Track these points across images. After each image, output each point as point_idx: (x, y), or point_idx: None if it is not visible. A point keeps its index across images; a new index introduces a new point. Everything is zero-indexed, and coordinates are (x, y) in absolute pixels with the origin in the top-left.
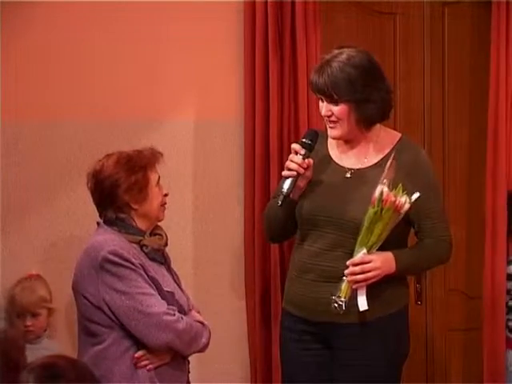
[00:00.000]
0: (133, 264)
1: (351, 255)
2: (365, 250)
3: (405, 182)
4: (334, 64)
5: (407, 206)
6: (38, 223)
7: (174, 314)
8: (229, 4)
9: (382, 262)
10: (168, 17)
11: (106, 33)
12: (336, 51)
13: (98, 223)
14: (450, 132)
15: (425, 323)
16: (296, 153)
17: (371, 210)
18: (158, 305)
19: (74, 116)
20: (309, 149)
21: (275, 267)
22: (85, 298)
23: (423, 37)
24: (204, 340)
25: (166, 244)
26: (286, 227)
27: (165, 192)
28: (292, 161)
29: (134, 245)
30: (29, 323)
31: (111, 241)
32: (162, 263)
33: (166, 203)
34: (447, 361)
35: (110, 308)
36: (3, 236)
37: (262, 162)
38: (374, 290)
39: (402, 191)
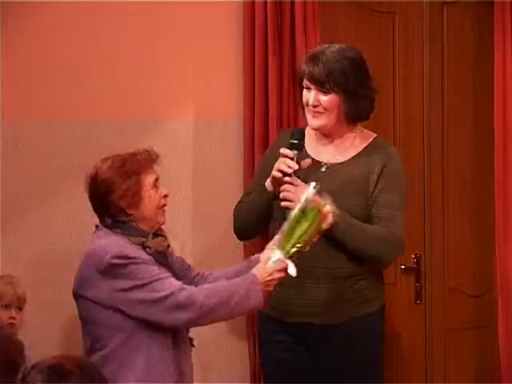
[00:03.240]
0: (139, 257)
1: (329, 254)
2: (280, 255)
3: (375, 175)
4: (328, 53)
5: (330, 219)
6: (38, 223)
7: (185, 288)
8: (228, 4)
9: None
10: (168, 16)
11: (105, 33)
12: (326, 44)
13: (96, 226)
14: (449, 132)
15: (424, 322)
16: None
17: (297, 208)
18: (171, 286)
19: (74, 116)
20: (298, 148)
21: None
22: (89, 300)
23: (422, 36)
24: (239, 295)
25: (169, 246)
26: (261, 221)
27: (164, 193)
28: (288, 165)
29: (137, 246)
30: (14, 315)
31: (114, 243)
32: (164, 265)
33: (165, 205)
34: (446, 360)
35: (125, 311)
36: (3, 236)
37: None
38: (353, 290)
39: (327, 205)
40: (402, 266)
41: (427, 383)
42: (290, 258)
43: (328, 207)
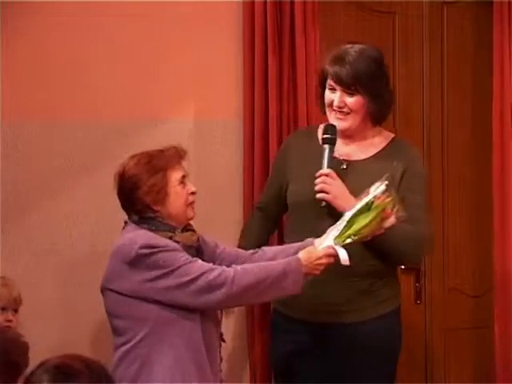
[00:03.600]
0: (167, 245)
1: (354, 251)
2: (332, 242)
3: (398, 173)
4: (353, 54)
5: (393, 219)
6: (38, 223)
7: (215, 268)
8: (228, 4)
9: None
10: (167, 16)
11: (105, 33)
12: (348, 45)
13: (125, 222)
14: (449, 132)
15: (424, 322)
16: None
17: (362, 203)
18: (200, 268)
19: (74, 116)
20: (332, 142)
21: None
22: (116, 292)
23: (422, 36)
24: (276, 276)
25: (198, 240)
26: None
27: (192, 190)
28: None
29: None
30: (11, 318)
31: (141, 235)
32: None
33: (193, 202)
34: (446, 360)
35: (154, 299)
36: (3, 236)
37: (261, 161)
38: (370, 289)
39: (394, 206)
40: (402, 266)
41: (427, 383)
42: (343, 247)
43: (394, 207)
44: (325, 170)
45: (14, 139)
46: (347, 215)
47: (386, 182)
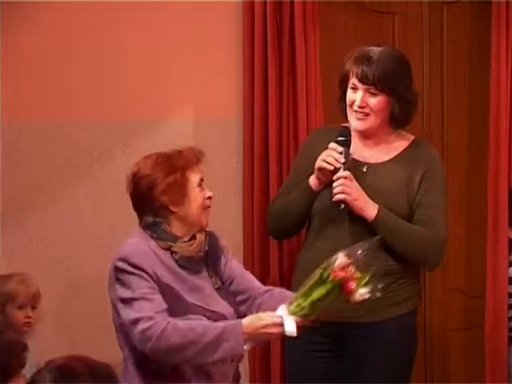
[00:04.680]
0: (141, 270)
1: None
2: (282, 311)
3: (418, 176)
4: (379, 54)
5: (359, 297)
6: (38, 223)
7: (152, 318)
8: (228, 4)
9: None
10: (167, 16)
11: (105, 33)
12: (371, 46)
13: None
14: (448, 131)
15: (424, 323)
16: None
17: (318, 271)
18: (143, 311)
19: (74, 116)
20: (346, 144)
21: (274, 265)
22: (112, 304)
23: (422, 36)
24: (211, 340)
25: (201, 250)
26: (300, 221)
27: (208, 195)
28: (335, 159)
29: (164, 251)
30: (30, 314)
31: (129, 245)
32: (196, 272)
33: (209, 207)
34: (447, 360)
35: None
36: (3, 235)
37: (260, 161)
38: (388, 289)
39: (366, 283)
40: None
41: (427, 383)
42: (305, 316)
43: (361, 289)
44: (344, 172)
45: (14, 139)
46: (305, 283)
47: (346, 257)
